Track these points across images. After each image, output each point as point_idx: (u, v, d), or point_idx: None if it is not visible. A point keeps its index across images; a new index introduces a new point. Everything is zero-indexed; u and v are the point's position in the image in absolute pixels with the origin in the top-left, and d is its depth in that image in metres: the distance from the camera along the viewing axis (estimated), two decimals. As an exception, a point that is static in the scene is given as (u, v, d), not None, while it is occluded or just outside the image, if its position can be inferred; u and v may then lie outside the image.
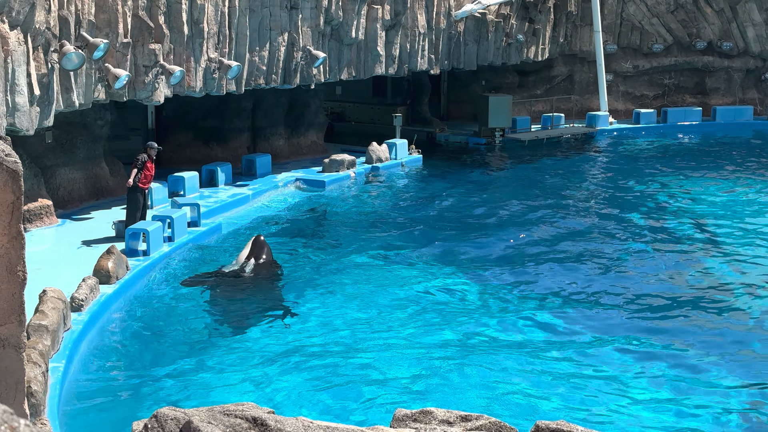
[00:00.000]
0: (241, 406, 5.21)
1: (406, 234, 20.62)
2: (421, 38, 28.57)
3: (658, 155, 31.59)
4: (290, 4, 23.58)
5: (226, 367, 13.03)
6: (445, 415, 5.52)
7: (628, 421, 11.56)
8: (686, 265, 18.47)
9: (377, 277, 17.41)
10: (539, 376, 12.90)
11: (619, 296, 16.45)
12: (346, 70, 26.10)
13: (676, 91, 37.80)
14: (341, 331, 14.54)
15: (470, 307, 15.76)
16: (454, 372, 12.98)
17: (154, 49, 19.74)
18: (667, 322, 15.19)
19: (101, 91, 18.90)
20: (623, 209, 23.25)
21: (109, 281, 15.22)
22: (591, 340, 14.27)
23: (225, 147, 25.94)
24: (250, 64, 22.78)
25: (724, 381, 12.80)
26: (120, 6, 18.98)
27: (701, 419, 11.66)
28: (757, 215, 22.64)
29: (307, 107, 27.99)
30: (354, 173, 25.81)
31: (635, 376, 12.91)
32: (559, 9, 34.85)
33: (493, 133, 31.85)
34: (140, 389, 12.29)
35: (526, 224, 21.61)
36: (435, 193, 25.04)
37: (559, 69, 36.56)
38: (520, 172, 28.25)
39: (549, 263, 18.41)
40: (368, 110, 34.96)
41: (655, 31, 36.95)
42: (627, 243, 20.05)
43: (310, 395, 12.15)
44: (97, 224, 19.24)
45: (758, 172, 28.30)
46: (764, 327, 15.03)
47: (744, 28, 37.00)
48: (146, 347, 13.80)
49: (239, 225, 20.79)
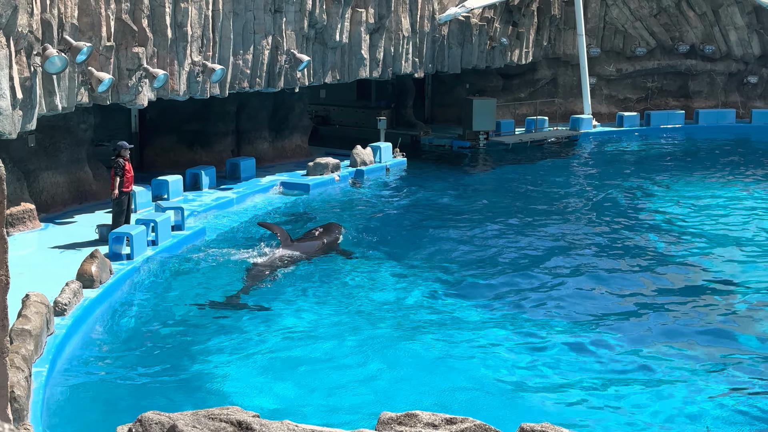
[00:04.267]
0: (226, 410, 5.20)
1: (390, 237, 20.62)
2: (405, 41, 28.60)
3: (642, 158, 31.72)
4: (274, 8, 23.56)
5: (212, 371, 13.00)
6: (430, 418, 5.52)
7: (613, 423, 11.59)
8: (669, 265, 18.54)
9: (362, 280, 17.40)
10: (524, 378, 12.92)
11: (603, 297, 16.49)
12: (331, 74, 26.10)
13: (659, 95, 37.98)
14: (327, 335, 14.52)
15: (455, 309, 15.76)
16: (440, 375, 12.99)
17: (137, 52, 19.69)
18: (653, 323, 15.23)
19: (84, 95, 18.83)
20: (607, 211, 23.32)
21: (93, 285, 15.16)
22: (576, 343, 14.30)
23: (209, 150, 25.88)
24: (234, 67, 22.75)
25: (711, 383, 12.85)
26: (103, 9, 18.92)
27: (687, 421, 11.70)
28: (742, 216, 22.75)
29: (291, 110, 27.96)
30: (338, 176, 25.80)
31: (621, 378, 12.94)
32: (542, 12, 34.96)
33: (478, 136, 31.91)
34: (124, 393, 12.25)
35: (509, 227, 21.64)
36: (419, 197, 25.06)
37: (543, 72, 36.67)
38: (505, 175, 28.31)
39: (533, 265, 18.44)
40: (353, 113, 34.96)
41: (638, 34, 37.12)
42: (611, 245, 20.10)
43: (296, 398, 12.13)
44: (80, 228, 19.16)
45: (741, 175, 28.46)
46: (754, 328, 15.10)
47: (726, 32, 37.21)
48: (130, 351, 13.75)
49: (223, 229, 20.73)
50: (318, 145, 29.99)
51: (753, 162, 30.90)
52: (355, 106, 35.33)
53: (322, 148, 29.47)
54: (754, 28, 37.20)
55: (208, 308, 15.68)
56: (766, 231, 21.39)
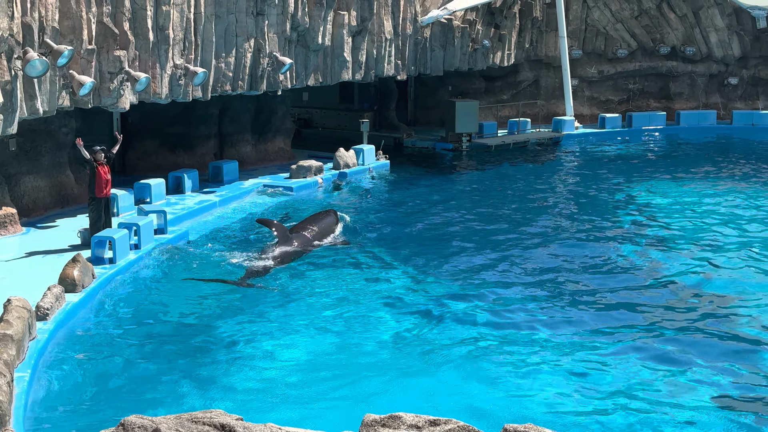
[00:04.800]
0: (209, 413, 5.20)
1: (373, 239, 20.63)
2: (387, 44, 28.63)
3: (624, 159, 31.86)
4: (256, 11, 23.54)
5: (195, 374, 12.96)
6: (414, 420, 5.54)
7: (596, 425, 11.63)
8: (650, 266, 18.62)
9: (345, 282, 17.41)
10: (508, 380, 12.95)
11: (588, 298, 16.54)
12: (313, 76, 26.10)
13: (641, 96, 38.17)
14: (309, 337, 14.52)
15: (439, 311, 15.78)
16: (423, 376, 13.00)
17: (119, 55, 19.63)
18: (639, 324, 15.30)
19: (66, 98, 18.76)
20: (590, 212, 23.41)
21: (75, 290, 15.10)
22: (559, 344, 14.34)
23: (191, 154, 25.83)
24: (216, 70, 22.72)
25: (696, 387, 12.91)
26: (84, 13, 18.86)
27: (670, 423, 11.76)
28: (725, 216, 22.87)
29: (274, 113, 27.94)
30: (321, 179, 25.79)
31: (604, 380, 12.98)
32: (524, 15, 35.07)
33: (460, 138, 31.96)
34: (107, 397, 12.20)
35: (494, 229, 21.69)
36: (402, 199, 25.08)
37: (525, 74, 36.78)
38: (488, 177, 28.37)
39: (517, 267, 18.49)
40: (335, 116, 34.96)
41: (619, 36, 37.29)
42: (594, 246, 20.18)
43: (279, 401, 12.12)
44: (62, 232, 19.08)
45: (723, 175, 28.63)
46: (740, 332, 15.18)
47: (707, 34, 37.42)
48: (113, 355, 13.70)
49: (206, 232, 20.69)
50: (301, 147, 29.98)
51: (734, 163, 31.10)
52: (338, 108, 35.33)
53: (305, 150, 29.46)
54: (734, 30, 37.44)
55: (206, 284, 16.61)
56: (747, 230, 21.51)
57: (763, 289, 17.16)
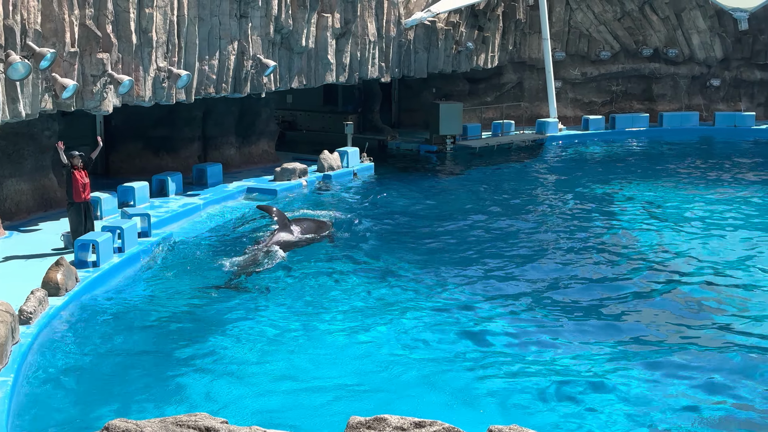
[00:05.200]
0: (193, 417, 5.18)
1: (358, 241, 20.62)
2: (371, 46, 28.63)
3: (607, 161, 31.97)
4: (240, 13, 23.50)
5: (179, 378, 12.93)
6: (399, 422, 5.54)
7: (580, 426, 11.66)
8: (632, 267, 18.70)
9: (329, 285, 17.39)
10: (492, 381, 12.97)
11: (570, 300, 16.59)
12: (297, 79, 26.07)
13: (624, 98, 38.30)
14: (294, 340, 14.50)
15: (423, 314, 15.79)
16: (408, 379, 13.01)
17: (102, 58, 19.56)
18: (621, 326, 15.36)
19: (48, 101, 18.67)
20: (574, 214, 23.48)
21: (58, 293, 15.04)
22: (543, 345, 14.38)
23: (175, 156, 25.75)
24: (199, 73, 22.66)
25: (676, 391, 12.97)
26: (67, 15, 18.78)
27: (657, 421, 11.80)
28: (708, 217, 23.00)
29: (258, 116, 27.90)
30: (306, 182, 25.77)
31: (587, 382, 13.02)
32: (507, 17, 35.15)
33: (445, 140, 32.00)
34: (91, 401, 12.15)
35: (478, 231, 21.73)
36: (387, 201, 25.09)
37: (509, 76, 36.86)
38: (472, 179, 28.41)
39: (501, 269, 18.53)
40: (319, 118, 34.93)
41: (602, 38, 37.42)
42: (578, 247, 20.24)
43: (264, 404, 12.10)
44: (45, 236, 19.00)
45: (704, 176, 28.77)
46: (726, 336, 15.26)
47: (689, 35, 37.61)
48: (97, 359, 13.65)
49: (190, 235, 20.64)
50: (285, 150, 29.93)
51: (716, 164, 31.26)
52: (322, 111, 35.30)
53: (289, 153, 29.41)
54: (716, 32, 37.64)
55: (204, 291, 16.65)
56: (730, 231, 21.63)
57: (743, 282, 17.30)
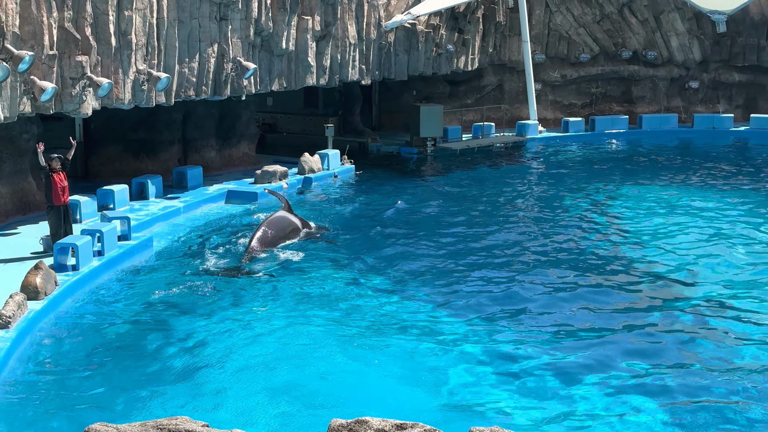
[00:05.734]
0: (174, 420, 5.16)
1: (338, 244, 20.60)
2: (351, 49, 28.63)
3: (587, 162, 32.09)
4: (219, 15, 23.45)
5: (160, 381, 12.88)
6: (380, 424, 5.54)
7: (562, 427, 11.69)
8: (614, 269, 18.77)
9: (310, 287, 17.37)
10: (473, 383, 12.99)
11: (553, 303, 16.64)
12: (277, 81, 26.04)
13: (603, 100, 38.46)
14: (275, 342, 14.47)
15: (404, 315, 15.80)
16: (390, 381, 13.01)
17: (81, 61, 19.46)
18: (599, 327, 15.42)
19: (27, 104, 18.57)
20: (553, 216, 23.55)
21: (38, 297, 14.95)
22: (521, 348, 14.41)
23: (155, 159, 25.65)
24: (179, 75, 22.59)
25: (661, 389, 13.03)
26: (45, 18, 18.68)
27: (639, 420, 11.85)
28: (688, 218, 23.12)
29: (238, 118, 27.84)
30: (286, 184, 25.74)
31: (568, 384, 13.06)
32: (487, 19, 35.23)
33: (425, 142, 32.04)
34: (71, 405, 12.09)
35: (457, 233, 21.76)
36: (367, 203, 25.09)
37: (489, 79, 36.94)
38: (453, 181, 28.45)
39: (479, 271, 18.55)
40: (300, 121, 34.90)
41: (581, 40, 37.57)
42: (555, 250, 20.30)
43: (245, 406, 12.07)
44: (24, 239, 18.88)
45: (685, 178, 28.93)
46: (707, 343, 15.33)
47: (668, 38, 37.82)
48: (76, 363, 13.57)
49: (171, 238, 20.57)
50: (265, 153, 29.89)
51: (695, 165, 31.43)
52: (303, 113, 35.27)
53: (269, 155, 29.37)
54: (694, 34, 37.87)
55: (207, 275, 17.35)
56: (709, 231, 21.75)
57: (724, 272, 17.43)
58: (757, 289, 17.44)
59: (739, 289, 17.46)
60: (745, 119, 37.96)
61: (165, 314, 15.78)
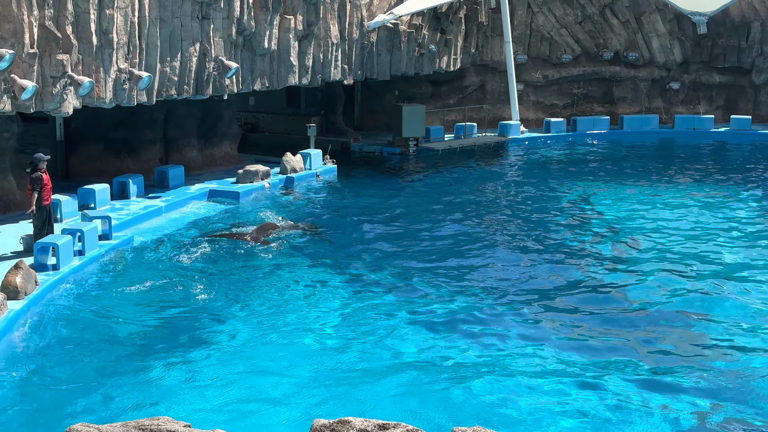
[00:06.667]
0: (156, 421, 5.15)
1: (321, 244, 20.61)
2: (334, 48, 28.62)
3: (568, 163, 32.20)
4: (201, 15, 23.38)
5: (141, 381, 12.84)
6: (363, 425, 5.54)
7: (545, 426, 11.73)
8: (596, 269, 18.86)
9: (293, 288, 17.36)
10: (455, 384, 13.01)
11: (535, 300, 16.70)
12: (260, 81, 25.99)
13: (585, 101, 38.61)
14: (257, 343, 14.45)
15: (388, 315, 15.81)
16: (372, 381, 13.01)
17: (61, 59, 19.36)
18: (584, 324, 15.48)
19: (7, 103, 18.46)
20: (534, 216, 23.63)
21: (18, 297, 14.87)
22: (505, 347, 14.45)
23: (136, 159, 25.55)
24: (161, 74, 22.51)
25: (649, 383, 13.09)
26: (26, 16, 18.58)
27: (624, 419, 11.90)
28: (670, 218, 23.25)
29: (220, 118, 27.77)
30: (269, 184, 25.69)
31: (550, 382, 13.10)
32: (470, 20, 35.30)
33: (407, 142, 32.07)
34: (52, 406, 12.03)
35: (441, 233, 21.79)
36: (350, 203, 25.09)
37: (471, 79, 37.01)
38: (435, 181, 28.49)
39: (465, 266, 18.60)
40: (282, 120, 34.85)
41: (563, 41, 37.70)
42: (537, 248, 20.37)
43: (227, 407, 12.05)
44: (4, 238, 18.77)
45: (666, 178, 29.09)
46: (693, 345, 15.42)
47: (649, 39, 37.99)
48: (57, 363, 13.51)
49: (152, 238, 20.50)
50: (247, 152, 29.82)
51: (676, 165, 31.62)
52: (285, 113, 35.21)
53: (251, 155, 29.31)
54: (675, 35, 38.06)
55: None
56: (695, 230, 21.89)
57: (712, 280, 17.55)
58: (733, 281, 17.69)
59: (720, 278, 17.84)
60: (726, 120, 38.17)
61: (146, 314, 15.73)
